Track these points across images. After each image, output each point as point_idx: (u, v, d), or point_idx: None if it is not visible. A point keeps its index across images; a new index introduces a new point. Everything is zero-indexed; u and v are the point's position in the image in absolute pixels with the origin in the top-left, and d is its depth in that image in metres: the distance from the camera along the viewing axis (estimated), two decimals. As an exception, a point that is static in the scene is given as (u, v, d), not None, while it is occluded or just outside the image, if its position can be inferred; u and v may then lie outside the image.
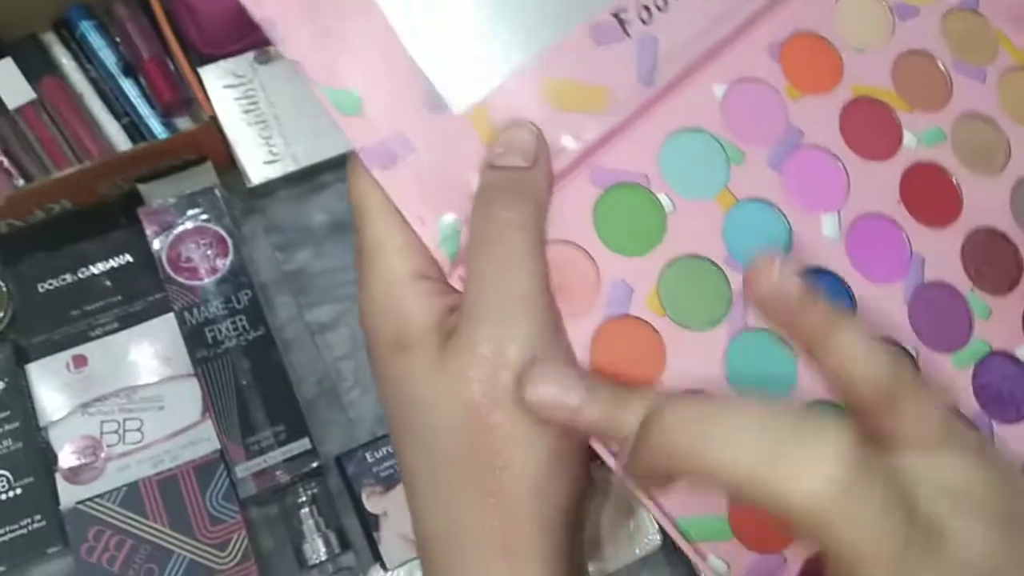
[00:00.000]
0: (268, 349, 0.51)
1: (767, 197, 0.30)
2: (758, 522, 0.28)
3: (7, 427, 0.50)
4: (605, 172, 0.29)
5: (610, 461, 0.27)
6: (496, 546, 0.25)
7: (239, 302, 0.52)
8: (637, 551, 0.50)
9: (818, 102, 0.32)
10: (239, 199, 0.57)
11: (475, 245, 0.26)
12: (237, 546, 0.48)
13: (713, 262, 0.29)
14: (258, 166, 0.56)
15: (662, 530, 0.51)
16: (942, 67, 0.34)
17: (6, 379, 0.50)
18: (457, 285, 0.27)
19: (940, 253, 0.32)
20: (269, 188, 0.57)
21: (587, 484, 0.27)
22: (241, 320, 0.52)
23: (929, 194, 0.32)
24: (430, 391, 0.25)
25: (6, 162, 0.53)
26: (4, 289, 0.52)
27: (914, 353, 0.30)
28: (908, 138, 0.32)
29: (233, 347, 0.51)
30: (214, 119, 0.56)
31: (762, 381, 0.29)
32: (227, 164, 0.57)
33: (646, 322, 0.28)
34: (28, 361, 0.51)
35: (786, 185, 0.31)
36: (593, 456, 0.27)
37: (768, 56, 0.32)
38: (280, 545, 0.51)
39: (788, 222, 0.30)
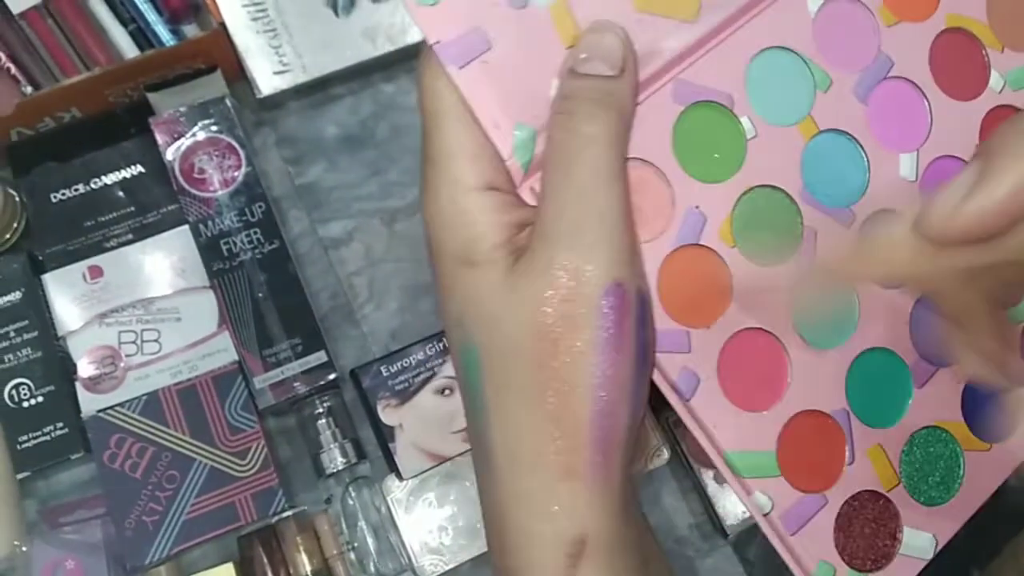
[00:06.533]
0: (283, 262, 0.51)
1: (849, 130, 0.29)
2: (806, 461, 0.28)
3: (26, 336, 0.50)
4: (688, 88, 0.28)
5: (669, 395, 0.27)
6: (558, 467, 0.25)
7: (253, 215, 0.52)
8: (648, 466, 0.51)
9: (911, 30, 0.30)
10: (249, 111, 0.56)
11: (554, 160, 0.25)
12: (256, 454, 0.49)
13: (788, 194, 0.28)
14: (267, 76, 0.55)
15: (671, 447, 0.51)
16: None
17: (23, 288, 0.50)
18: (527, 196, 0.26)
19: None
20: (279, 100, 0.57)
21: (644, 409, 0.27)
22: (256, 233, 0.51)
23: None
24: (498, 309, 0.25)
25: (13, 69, 0.52)
26: (17, 198, 0.52)
27: None
28: (995, 79, 0.31)
29: (248, 260, 0.51)
30: (223, 26, 0.54)
31: (824, 320, 0.29)
32: (236, 75, 0.56)
33: (715, 253, 0.28)
34: (43, 271, 0.51)
35: (870, 118, 0.30)
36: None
37: None
38: (298, 454, 0.52)
39: (867, 159, 0.29)
